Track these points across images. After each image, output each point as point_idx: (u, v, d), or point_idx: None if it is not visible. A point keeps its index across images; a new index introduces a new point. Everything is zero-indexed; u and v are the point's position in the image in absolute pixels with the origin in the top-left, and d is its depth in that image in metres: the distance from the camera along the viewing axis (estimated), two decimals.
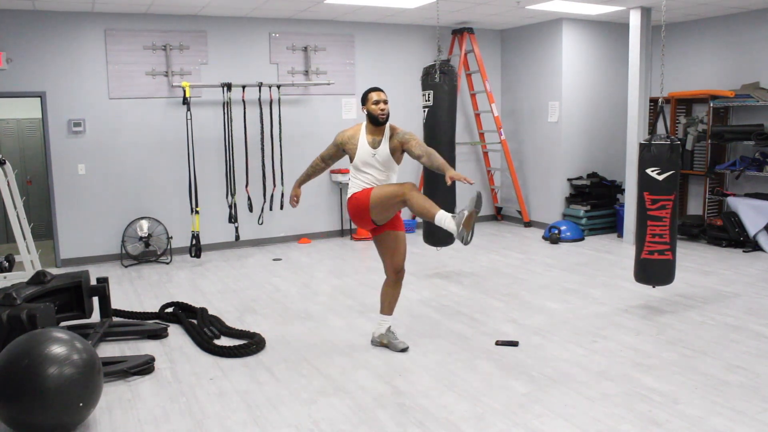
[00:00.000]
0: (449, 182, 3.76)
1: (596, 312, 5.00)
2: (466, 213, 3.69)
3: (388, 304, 4.28)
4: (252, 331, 4.60)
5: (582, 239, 7.84)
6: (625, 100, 7.86)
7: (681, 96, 7.83)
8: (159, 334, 4.61)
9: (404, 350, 4.22)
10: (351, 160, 4.09)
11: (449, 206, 5.91)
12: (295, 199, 4.41)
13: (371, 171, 4.03)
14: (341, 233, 8.41)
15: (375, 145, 4.01)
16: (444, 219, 3.75)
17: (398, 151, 4.07)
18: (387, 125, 4.06)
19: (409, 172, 8.70)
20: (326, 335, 4.58)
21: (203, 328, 4.65)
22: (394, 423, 3.26)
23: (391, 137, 4.04)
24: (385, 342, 4.29)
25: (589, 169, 8.54)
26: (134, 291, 5.94)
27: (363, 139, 4.03)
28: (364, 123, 4.10)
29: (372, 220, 4.01)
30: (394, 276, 4.21)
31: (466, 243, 3.68)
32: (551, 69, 8.30)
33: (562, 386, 3.64)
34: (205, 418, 3.37)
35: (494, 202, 9.40)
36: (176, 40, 7.23)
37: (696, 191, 8.15)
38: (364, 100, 4.05)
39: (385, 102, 4.01)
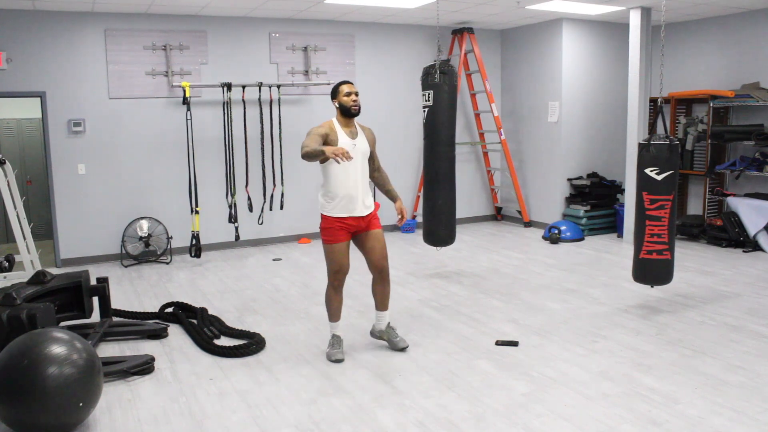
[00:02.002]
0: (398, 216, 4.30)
1: (596, 312, 5.00)
2: (330, 352, 4.16)
3: (380, 301, 4.26)
4: (252, 331, 4.60)
5: (582, 239, 7.84)
6: (625, 100, 7.86)
7: (681, 96, 7.83)
8: (159, 334, 4.61)
9: (404, 349, 4.22)
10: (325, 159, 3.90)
11: (448, 209, 5.92)
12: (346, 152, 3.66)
13: (350, 166, 3.93)
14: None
15: (353, 136, 4.01)
16: (331, 329, 4.25)
17: (372, 146, 4.14)
18: (354, 121, 4.06)
19: (409, 171, 8.70)
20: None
21: (203, 328, 4.65)
22: (394, 423, 3.26)
23: (363, 130, 4.10)
24: (386, 338, 4.29)
25: (589, 169, 8.54)
26: (134, 291, 5.95)
27: (341, 132, 3.97)
28: (334, 119, 4.03)
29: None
30: (378, 274, 4.19)
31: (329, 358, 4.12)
32: (551, 69, 8.30)
33: (562, 386, 3.65)
34: (205, 418, 3.38)
35: (494, 202, 9.40)
36: (176, 40, 7.23)
37: (696, 191, 8.15)
38: (335, 93, 4.00)
39: (357, 94, 4.00)
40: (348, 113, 3.98)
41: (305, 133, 3.79)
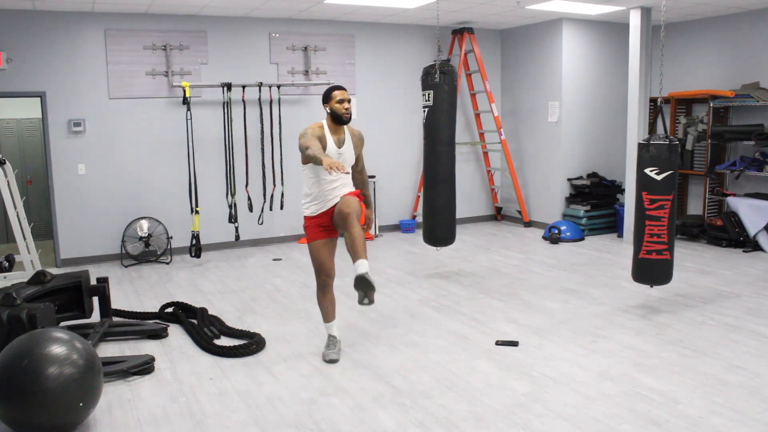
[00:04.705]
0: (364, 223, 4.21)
1: (596, 312, 5.00)
2: (325, 352, 4.13)
3: (350, 248, 3.76)
4: (252, 331, 4.61)
5: (582, 239, 7.84)
6: (625, 100, 7.86)
7: (681, 96, 7.83)
8: (159, 334, 4.61)
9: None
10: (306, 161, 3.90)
11: (448, 209, 5.92)
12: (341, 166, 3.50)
13: (333, 175, 3.85)
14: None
15: (340, 144, 3.98)
16: (327, 329, 4.20)
17: (359, 149, 4.12)
18: (345, 126, 4.03)
19: (409, 171, 8.71)
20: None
21: (203, 328, 4.65)
22: (394, 423, 3.26)
23: (352, 136, 4.06)
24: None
25: (589, 169, 8.54)
26: (134, 291, 5.95)
27: (329, 138, 3.94)
28: (325, 122, 3.98)
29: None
30: (341, 221, 3.82)
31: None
32: (551, 69, 8.30)
33: (562, 386, 3.65)
34: (205, 418, 3.38)
35: (494, 202, 9.40)
36: (176, 40, 7.23)
37: (696, 191, 8.15)
38: (327, 98, 3.95)
39: (349, 101, 3.95)
40: (339, 120, 3.94)
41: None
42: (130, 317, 5.03)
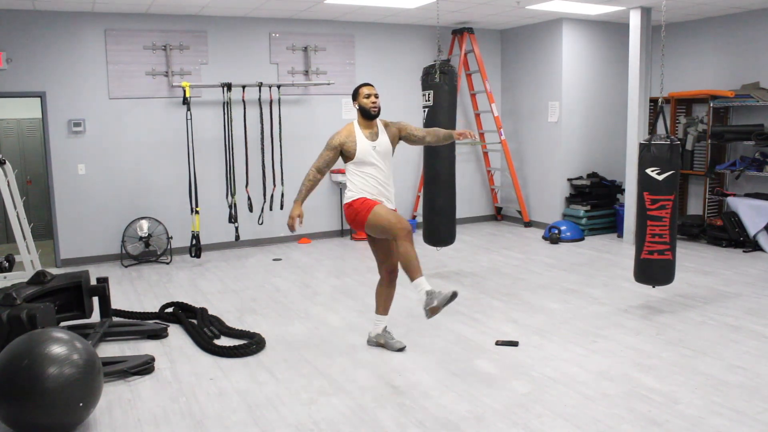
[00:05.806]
0: (460, 139, 4.23)
1: (596, 312, 5.00)
2: (435, 303, 3.67)
3: (383, 304, 4.29)
4: (252, 331, 4.60)
5: (582, 239, 7.84)
6: (625, 100, 7.86)
7: (681, 96, 7.83)
8: (159, 334, 4.61)
9: (401, 349, 4.22)
10: (349, 159, 4.04)
11: (448, 209, 5.91)
12: (299, 221, 4.00)
13: (371, 168, 4.01)
14: (341, 233, 8.42)
15: (373, 137, 4.06)
16: (420, 286, 3.76)
17: (396, 141, 4.18)
18: (378, 120, 4.13)
19: (409, 171, 8.70)
20: (326, 335, 4.58)
21: (203, 328, 4.65)
22: (394, 423, 3.26)
23: (386, 128, 4.16)
24: (382, 342, 4.29)
25: (589, 169, 8.54)
26: (134, 291, 5.94)
27: (360, 135, 4.04)
28: (355, 121, 4.12)
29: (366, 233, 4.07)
30: (388, 276, 4.24)
31: (427, 316, 3.72)
32: (551, 69, 8.30)
33: (562, 386, 3.64)
34: (205, 418, 3.38)
35: (494, 202, 9.40)
36: (176, 40, 7.23)
37: (696, 191, 8.15)
38: (356, 95, 4.10)
39: (376, 96, 4.08)
40: (368, 115, 4.06)
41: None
42: (130, 317, 5.03)
